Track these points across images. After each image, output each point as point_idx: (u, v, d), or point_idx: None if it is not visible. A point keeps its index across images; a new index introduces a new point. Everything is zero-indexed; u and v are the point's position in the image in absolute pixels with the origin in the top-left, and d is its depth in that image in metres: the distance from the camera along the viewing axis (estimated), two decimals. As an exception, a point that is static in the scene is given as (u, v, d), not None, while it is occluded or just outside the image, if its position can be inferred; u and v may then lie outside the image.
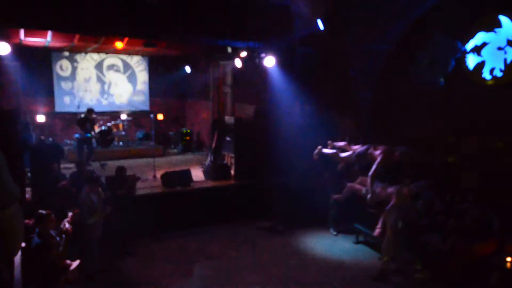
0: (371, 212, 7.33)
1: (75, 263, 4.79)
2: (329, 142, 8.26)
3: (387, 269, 6.35)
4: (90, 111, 10.77)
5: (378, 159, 6.76)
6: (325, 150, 8.05)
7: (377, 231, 6.64)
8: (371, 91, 8.83)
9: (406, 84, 8.16)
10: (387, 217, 6.38)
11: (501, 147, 6.69)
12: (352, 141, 8.03)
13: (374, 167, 6.74)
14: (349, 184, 7.52)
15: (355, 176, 7.65)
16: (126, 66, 13.74)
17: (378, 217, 6.79)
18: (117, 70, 13.61)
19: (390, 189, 6.52)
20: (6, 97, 11.21)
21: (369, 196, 6.80)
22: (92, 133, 10.78)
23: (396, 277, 6.36)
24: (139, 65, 13.90)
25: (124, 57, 13.56)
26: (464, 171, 7.13)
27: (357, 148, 7.53)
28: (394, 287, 6.18)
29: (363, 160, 7.18)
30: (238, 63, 10.04)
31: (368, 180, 6.82)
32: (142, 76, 14.01)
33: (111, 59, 13.43)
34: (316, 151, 8.15)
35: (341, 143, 8.12)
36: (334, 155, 7.87)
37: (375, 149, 6.96)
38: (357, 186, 7.29)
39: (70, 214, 5.40)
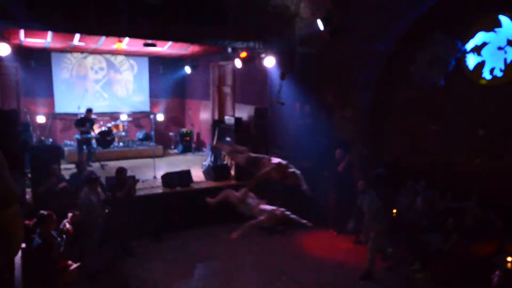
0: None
1: (75, 265, 4.78)
2: (229, 139, 8.03)
3: (372, 268, 6.41)
4: (89, 111, 10.77)
5: (266, 169, 6.44)
6: (222, 147, 7.77)
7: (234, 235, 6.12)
8: (371, 91, 8.83)
9: (406, 84, 8.17)
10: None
11: (501, 147, 6.69)
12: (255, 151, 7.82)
13: (256, 176, 6.44)
14: (227, 190, 7.15)
15: (356, 177, 7.63)
16: (126, 66, 13.73)
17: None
18: (117, 71, 13.61)
19: (263, 207, 6.30)
20: (6, 98, 11.22)
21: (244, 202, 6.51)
22: (92, 133, 10.78)
23: (391, 275, 6.38)
24: (139, 66, 13.90)
25: (124, 57, 13.56)
26: (464, 170, 7.13)
27: (246, 149, 7.22)
28: (393, 286, 6.19)
29: (253, 166, 6.89)
30: (238, 63, 10.04)
31: (244, 189, 6.52)
32: (142, 76, 14.01)
33: (111, 60, 13.43)
34: (215, 142, 7.88)
35: (242, 148, 7.78)
36: (229, 153, 7.51)
37: (269, 160, 6.65)
38: (236, 193, 6.91)
39: (70, 214, 5.41)
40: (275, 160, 6.20)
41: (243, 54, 9.55)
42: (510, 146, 6.55)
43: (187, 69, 13.21)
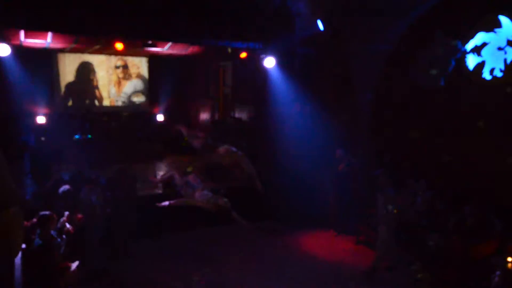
0: (372, 213, 7.32)
1: (75, 264, 4.78)
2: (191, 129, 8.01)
3: (378, 266, 6.41)
4: (89, 111, 10.79)
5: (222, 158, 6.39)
6: (183, 129, 7.77)
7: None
8: (371, 92, 8.83)
9: (406, 84, 8.17)
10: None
11: (501, 147, 6.68)
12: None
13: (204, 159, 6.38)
14: (172, 171, 7.09)
15: (356, 177, 7.62)
16: (126, 66, 13.74)
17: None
18: (117, 71, 13.62)
19: (206, 192, 6.31)
20: (6, 98, 11.21)
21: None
22: (93, 134, 10.80)
23: (388, 275, 6.38)
24: (139, 66, 13.91)
25: (124, 57, 13.56)
26: (464, 171, 7.12)
27: (204, 136, 7.23)
28: (391, 286, 6.19)
29: (207, 151, 6.90)
30: (238, 64, 10.05)
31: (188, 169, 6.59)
32: (142, 76, 14.01)
33: (111, 60, 13.44)
34: (178, 128, 7.80)
35: (201, 133, 7.82)
36: (188, 135, 7.51)
37: (224, 148, 6.63)
38: (177, 176, 6.86)
39: (66, 213, 5.37)
40: (230, 148, 6.24)
41: (243, 55, 9.55)
42: (510, 146, 6.55)
43: (187, 70, 13.22)
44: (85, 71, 13.13)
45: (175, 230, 8.13)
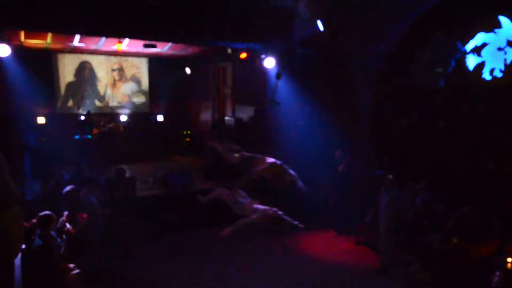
0: (372, 213, 7.32)
1: (77, 270, 4.72)
2: (225, 143, 8.06)
3: (386, 263, 6.49)
4: (89, 112, 10.79)
5: (260, 167, 6.41)
6: (217, 146, 7.79)
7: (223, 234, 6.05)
8: (371, 92, 8.83)
9: (406, 85, 8.17)
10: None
11: (501, 148, 6.68)
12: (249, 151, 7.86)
13: (249, 174, 6.39)
14: (220, 189, 7.17)
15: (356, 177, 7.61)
16: (127, 67, 13.74)
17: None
18: (118, 72, 13.62)
19: (256, 206, 6.28)
20: (6, 99, 11.21)
21: (235, 201, 6.52)
22: (92, 134, 10.80)
23: (390, 276, 6.39)
24: (139, 67, 13.91)
25: (125, 58, 13.57)
26: (464, 171, 7.12)
27: (239, 150, 7.26)
28: (390, 286, 6.20)
29: (247, 166, 6.92)
30: (238, 64, 10.05)
31: (234, 186, 6.57)
32: (143, 77, 14.02)
33: (111, 61, 13.44)
34: (211, 144, 7.90)
35: (236, 147, 7.86)
36: (223, 152, 7.56)
37: (262, 160, 6.63)
38: (227, 193, 6.89)
39: (66, 213, 5.36)
40: (270, 160, 6.19)
41: (243, 55, 9.55)
42: (510, 147, 6.55)
43: (187, 70, 13.22)
44: (85, 71, 13.14)
45: (175, 230, 8.13)
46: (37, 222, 4.92)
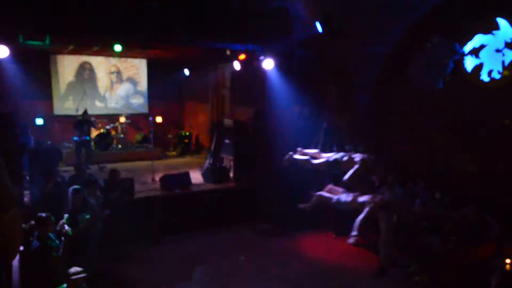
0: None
1: (83, 274, 4.65)
2: (299, 149, 8.12)
3: (386, 265, 6.49)
4: (87, 113, 10.77)
5: (355, 167, 6.61)
6: (297, 156, 7.93)
7: (351, 239, 6.34)
8: (370, 94, 8.84)
9: (405, 86, 8.18)
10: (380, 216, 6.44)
11: (500, 149, 6.70)
12: (325, 149, 7.95)
13: (349, 174, 6.63)
14: (317, 193, 7.38)
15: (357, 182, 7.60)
16: (125, 69, 13.73)
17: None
18: (116, 73, 13.61)
19: (361, 199, 6.43)
20: (5, 100, 11.19)
21: (339, 201, 6.68)
22: (90, 136, 10.77)
23: (389, 278, 6.40)
24: (138, 68, 13.90)
25: (123, 60, 13.55)
26: (463, 172, 7.13)
27: (330, 156, 7.41)
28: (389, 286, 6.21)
29: (336, 168, 7.06)
30: (236, 65, 10.05)
31: (339, 188, 6.76)
32: (141, 79, 14.00)
33: (110, 62, 13.43)
34: (287, 157, 8.00)
35: (313, 151, 7.99)
36: (306, 162, 7.74)
37: (351, 157, 6.80)
38: (326, 195, 7.15)
39: (66, 215, 5.36)
40: (357, 155, 6.37)
41: (242, 57, 9.55)
42: (509, 147, 6.56)
43: (186, 72, 13.23)
44: (85, 72, 13.13)
45: (174, 232, 8.12)
46: (35, 223, 4.90)
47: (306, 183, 8.58)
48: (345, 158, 6.86)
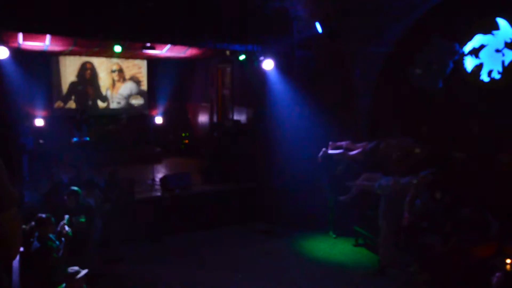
0: (370, 215, 7.32)
1: (83, 272, 4.65)
2: (330, 143, 8.12)
3: (384, 264, 6.52)
4: (85, 111, 10.78)
5: (396, 152, 6.62)
6: (331, 151, 7.89)
7: (405, 221, 6.37)
8: (370, 94, 8.84)
9: (405, 86, 8.18)
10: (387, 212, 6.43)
11: (499, 148, 6.70)
12: (355, 140, 7.96)
13: (394, 160, 6.65)
14: (357, 182, 7.36)
15: (357, 175, 7.59)
16: (125, 69, 13.73)
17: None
18: (118, 71, 13.61)
19: (404, 180, 6.46)
20: (5, 101, 11.20)
21: (381, 186, 6.68)
22: (91, 136, 10.78)
23: (389, 278, 6.40)
24: (138, 68, 13.91)
25: (123, 60, 13.56)
26: (463, 172, 7.13)
27: (364, 145, 7.41)
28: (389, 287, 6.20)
29: (374, 156, 7.07)
30: (237, 66, 10.06)
31: (365, 174, 6.76)
32: (141, 79, 14.01)
33: (110, 63, 13.43)
34: (321, 153, 7.91)
35: (343, 143, 7.99)
36: (342, 155, 7.69)
37: (388, 143, 6.83)
38: (365, 183, 7.16)
39: (66, 216, 5.35)
40: (393, 140, 6.38)
41: (242, 57, 9.56)
42: (509, 148, 6.56)
43: (186, 72, 13.19)
44: (87, 71, 13.14)
45: (174, 233, 8.12)
46: (35, 224, 4.90)
47: (305, 183, 8.59)
48: (382, 145, 6.85)
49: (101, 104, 13.41)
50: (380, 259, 6.59)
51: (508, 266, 5.28)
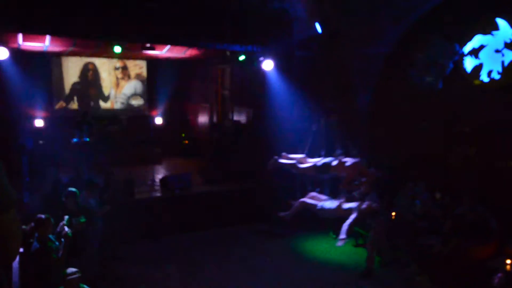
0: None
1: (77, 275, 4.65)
2: (283, 154, 8.15)
3: (371, 266, 6.51)
4: (85, 113, 10.77)
5: (347, 172, 6.60)
6: (282, 161, 7.96)
7: (340, 242, 6.38)
8: (370, 94, 8.84)
9: (405, 87, 8.18)
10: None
11: (499, 148, 6.70)
12: (313, 154, 7.96)
13: (344, 181, 6.63)
14: (301, 200, 7.41)
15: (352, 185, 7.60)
16: (125, 69, 13.73)
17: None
18: (116, 74, 13.60)
19: (346, 205, 6.44)
20: (4, 102, 11.20)
21: (323, 208, 6.69)
22: (91, 137, 10.76)
23: (389, 278, 6.39)
24: (138, 69, 13.90)
25: (123, 61, 13.55)
26: (463, 172, 7.13)
27: (318, 160, 7.40)
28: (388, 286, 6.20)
29: (325, 172, 7.07)
30: (236, 66, 10.06)
31: (323, 195, 6.75)
32: (141, 79, 14.01)
33: (110, 63, 13.42)
34: (272, 161, 8.05)
35: (298, 156, 8.01)
36: (293, 166, 7.76)
37: (341, 162, 6.79)
38: (309, 201, 7.15)
39: (66, 217, 5.35)
40: (348, 160, 6.36)
41: (242, 57, 9.56)
42: (508, 148, 6.56)
43: (187, 72, 13.18)
44: (89, 72, 13.14)
45: (174, 233, 8.11)
46: (35, 225, 4.90)
47: (305, 184, 8.59)
48: (335, 163, 6.80)
49: (103, 104, 13.40)
50: (367, 260, 6.59)
51: (508, 267, 5.27)
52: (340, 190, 6.89)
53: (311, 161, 7.40)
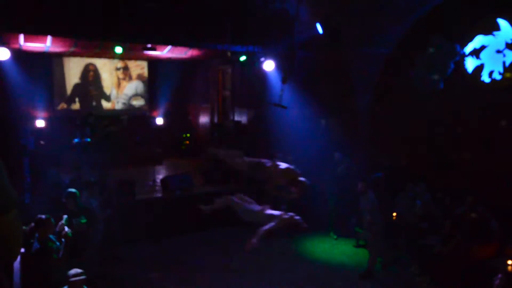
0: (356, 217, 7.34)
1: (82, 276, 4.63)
2: (225, 148, 8.02)
3: (372, 268, 6.50)
4: (89, 115, 10.77)
5: (278, 176, 6.45)
6: (221, 151, 7.75)
7: (248, 246, 5.80)
8: (370, 95, 8.84)
9: (405, 87, 8.18)
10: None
11: (500, 149, 6.69)
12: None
13: (270, 184, 6.45)
14: (227, 196, 7.18)
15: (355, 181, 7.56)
16: (126, 70, 13.74)
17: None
18: (118, 74, 13.62)
19: (269, 213, 6.31)
20: (6, 102, 11.22)
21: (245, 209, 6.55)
22: (92, 137, 10.78)
23: (390, 278, 6.39)
24: (139, 69, 13.91)
25: (125, 61, 13.57)
26: (463, 173, 7.12)
27: (253, 159, 7.22)
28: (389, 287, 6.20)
29: (256, 171, 6.89)
30: (237, 67, 10.06)
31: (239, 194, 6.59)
32: (142, 80, 14.02)
33: (111, 64, 13.44)
34: (211, 149, 7.88)
35: (235, 152, 7.82)
36: (226, 156, 7.53)
37: (275, 165, 6.64)
38: (236, 200, 6.92)
39: (65, 216, 5.34)
40: (283, 165, 6.16)
41: (243, 58, 9.57)
42: (509, 148, 6.55)
43: (187, 73, 13.19)
44: (90, 73, 13.15)
45: (175, 234, 8.11)
46: (35, 225, 4.90)
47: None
48: (269, 164, 6.62)
49: (106, 105, 13.41)
50: (369, 262, 6.59)
51: (509, 267, 5.26)
52: (266, 194, 6.72)
53: (244, 159, 7.17)
